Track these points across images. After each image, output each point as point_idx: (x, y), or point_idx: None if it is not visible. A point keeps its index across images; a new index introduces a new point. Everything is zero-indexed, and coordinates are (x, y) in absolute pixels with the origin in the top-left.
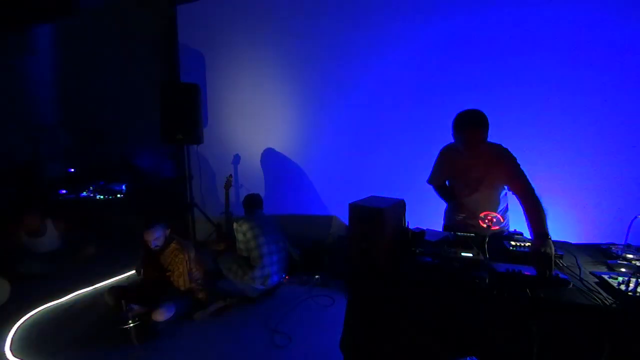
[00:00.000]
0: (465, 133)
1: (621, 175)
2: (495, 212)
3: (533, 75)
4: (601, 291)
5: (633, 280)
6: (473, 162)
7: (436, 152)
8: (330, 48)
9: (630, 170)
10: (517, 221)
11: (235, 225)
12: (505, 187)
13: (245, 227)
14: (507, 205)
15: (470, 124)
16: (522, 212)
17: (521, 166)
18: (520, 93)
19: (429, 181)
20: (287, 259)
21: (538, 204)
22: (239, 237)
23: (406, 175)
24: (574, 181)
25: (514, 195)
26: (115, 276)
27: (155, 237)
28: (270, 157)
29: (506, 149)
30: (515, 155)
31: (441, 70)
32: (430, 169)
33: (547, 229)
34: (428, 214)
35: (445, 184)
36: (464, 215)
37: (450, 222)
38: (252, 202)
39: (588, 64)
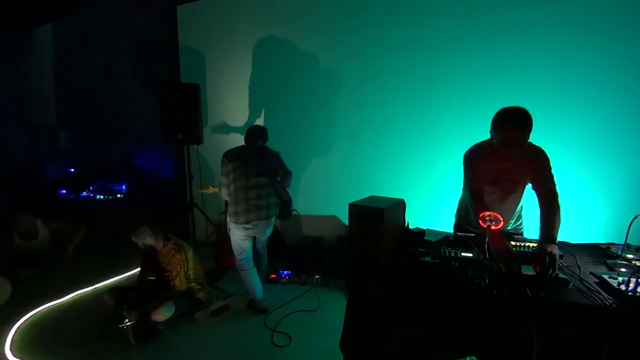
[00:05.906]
0: (509, 132)
1: (621, 175)
2: (515, 210)
3: (533, 75)
4: (601, 291)
5: (633, 280)
6: (511, 163)
7: (437, 152)
8: (330, 48)
9: (630, 170)
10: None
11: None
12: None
13: (224, 160)
14: (522, 204)
15: (515, 124)
16: (539, 212)
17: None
18: (520, 93)
19: (472, 188)
20: (272, 202)
21: (558, 210)
22: (222, 171)
23: (406, 175)
24: (573, 181)
25: (536, 194)
26: (115, 276)
27: (141, 240)
28: None
29: (540, 148)
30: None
31: (442, 71)
32: (466, 176)
33: (556, 235)
34: (428, 214)
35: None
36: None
37: (467, 223)
38: (249, 134)
39: (587, 63)
